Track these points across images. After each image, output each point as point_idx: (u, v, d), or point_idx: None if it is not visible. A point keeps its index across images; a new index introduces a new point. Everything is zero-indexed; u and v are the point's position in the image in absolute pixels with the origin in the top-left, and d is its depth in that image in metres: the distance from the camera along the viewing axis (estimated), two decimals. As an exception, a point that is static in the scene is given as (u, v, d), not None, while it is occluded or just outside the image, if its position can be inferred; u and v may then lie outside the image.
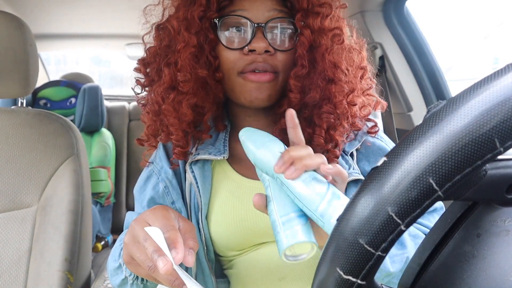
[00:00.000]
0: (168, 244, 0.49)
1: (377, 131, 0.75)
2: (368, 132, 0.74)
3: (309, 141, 0.70)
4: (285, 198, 0.49)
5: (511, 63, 0.25)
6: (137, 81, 0.75)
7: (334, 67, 0.66)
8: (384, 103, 0.75)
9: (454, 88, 1.30)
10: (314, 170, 0.49)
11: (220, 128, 0.74)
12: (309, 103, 0.68)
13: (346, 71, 0.67)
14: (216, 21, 0.66)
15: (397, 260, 0.63)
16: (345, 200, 0.46)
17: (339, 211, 0.43)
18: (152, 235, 0.49)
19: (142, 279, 0.62)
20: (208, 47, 0.66)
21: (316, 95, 0.67)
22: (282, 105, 0.69)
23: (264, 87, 0.66)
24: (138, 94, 0.76)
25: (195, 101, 0.67)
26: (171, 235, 0.50)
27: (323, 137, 0.68)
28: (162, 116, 0.70)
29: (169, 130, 0.70)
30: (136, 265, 0.53)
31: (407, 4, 1.33)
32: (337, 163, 0.69)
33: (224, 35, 0.66)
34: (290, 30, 0.67)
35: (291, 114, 0.54)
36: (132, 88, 0.76)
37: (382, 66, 1.40)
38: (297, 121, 0.54)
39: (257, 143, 0.52)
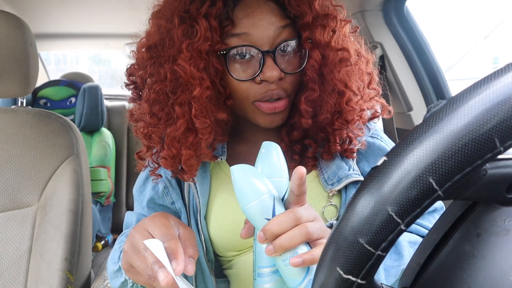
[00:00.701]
0: (168, 254, 0.49)
1: (378, 115, 0.74)
2: (370, 119, 0.74)
3: (322, 144, 0.70)
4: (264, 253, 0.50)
5: (511, 63, 0.25)
6: (144, 123, 0.67)
7: (345, 86, 0.64)
8: (391, 109, 0.74)
9: (454, 87, 1.29)
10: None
11: (223, 141, 0.73)
12: (322, 123, 0.67)
13: (357, 90, 0.66)
14: (223, 54, 0.62)
15: (392, 274, 0.63)
16: None
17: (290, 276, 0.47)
18: (152, 247, 0.49)
19: None
20: (217, 79, 0.63)
21: (328, 115, 0.65)
22: (292, 116, 0.68)
23: (278, 114, 0.65)
24: (149, 136, 0.68)
25: (213, 139, 0.65)
26: (171, 245, 0.50)
27: (338, 143, 0.68)
28: (180, 157, 0.65)
29: (181, 166, 0.67)
30: (135, 273, 0.53)
31: (407, 4, 1.33)
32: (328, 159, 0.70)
33: (233, 66, 0.63)
34: (298, 50, 0.65)
35: (300, 174, 0.49)
36: (134, 131, 0.70)
37: (382, 65, 1.40)
38: (304, 179, 0.49)
39: (248, 194, 0.48)
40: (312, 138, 0.70)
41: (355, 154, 0.71)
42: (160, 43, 0.63)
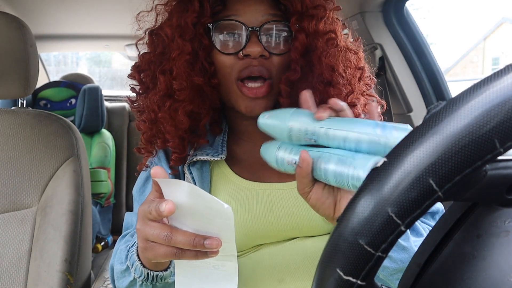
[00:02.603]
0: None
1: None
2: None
3: None
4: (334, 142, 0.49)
5: (511, 63, 0.25)
6: (132, 89, 0.74)
7: (332, 70, 0.66)
8: (383, 103, 0.75)
9: (454, 88, 1.30)
10: None
11: (216, 132, 0.74)
12: None
13: (344, 74, 0.67)
14: (210, 26, 0.66)
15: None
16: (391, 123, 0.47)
17: (396, 130, 0.45)
18: (159, 179, 0.48)
19: (152, 280, 0.60)
20: (203, 53, 0.66)
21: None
22: None
23: (260, 101, 0.66)
24: (134, 102, 0.75)
25: (191, 108, 0.67)
26: None
27: None
28: (159, 123, 0.70)
29: (165, 137, 0.70)
30: (153, 247, 0.50)
31: (406, 5, 1.33)
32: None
33: (219, 40, 0.66)
34: (285, 33, 0.67)
35: (305, 96, 0.54)
36: (127, 96, 0.76)
37: (382, 66, 1.40)
38: (312, 101, 0.54)
39: (284, 119, 0.52)
40: None
41: None
42: (160, 27, 0.70)
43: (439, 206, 0.74)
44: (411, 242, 0.62)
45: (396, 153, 0.26)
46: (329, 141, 0.48)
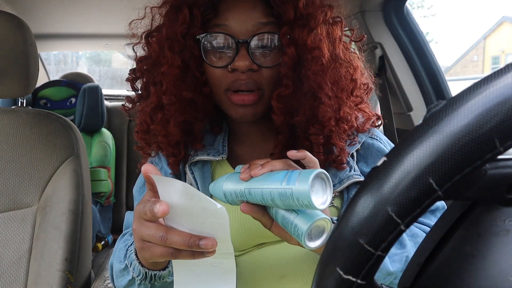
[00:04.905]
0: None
1: (380, 124, 0.74)
2: (372, 126, 0.73)
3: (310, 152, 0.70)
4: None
5: (511, 63, 0.25)
6: (127, 98, 0.75)
7: (318, 87, 0.64)
8: (376, 119, 0.74)
9: (454, 88, 1.30)
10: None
11: (216, 131, 0.74)
12: (298, 126, 0.67)
13: (330, 92, 0.64)
14: (200, 38, 0.64)
15: (396, 260, 0.63)
16: (301, 170, 0.49)
17: (299, 179, 0.46)
18: (155, 180, 0.49)
19: (151, 279, 0.60)
20: (193, 63, 0.65)
21: (303, 118, 0.65)
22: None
23: (248, 107, 0.66)
24: (129, 110, 0.75)
25: (183, 119, 0.67)
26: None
27: (322, 153, 0.67)
28: (152, 134, 0.70)
29: (159, 145, 0.70)
30: (149, 247, 0.50)
31: (407, 3, 1.33)
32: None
33: (208, 52, 0.65)
34: (276, 45, 0.65)
35: (290, 155, 0.55)
36: (122, 104, 0.76)
37: (382, 66, 1.40)
38: (300, 154, 0.55)
39: (220, 185, 0.57)
40: (300, 145, 0.69)
41: (345, 165, 0.69)
42: (155, 29, 0.69)
43: (439, 204, 0.74)
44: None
45: (396, 152, 0.26)
46: (254, 200, 0.52)
